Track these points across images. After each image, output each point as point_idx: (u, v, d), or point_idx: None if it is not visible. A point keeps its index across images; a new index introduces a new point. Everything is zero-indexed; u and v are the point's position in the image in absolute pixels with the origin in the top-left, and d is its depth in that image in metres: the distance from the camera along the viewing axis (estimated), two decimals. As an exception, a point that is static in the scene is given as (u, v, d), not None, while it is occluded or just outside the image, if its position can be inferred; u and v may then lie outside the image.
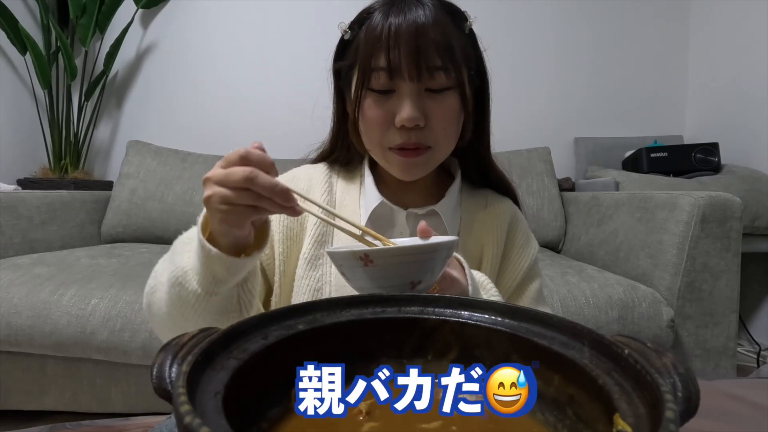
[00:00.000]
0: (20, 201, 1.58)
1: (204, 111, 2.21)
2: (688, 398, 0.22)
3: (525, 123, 2.16)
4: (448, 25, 0.57)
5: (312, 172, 0.71)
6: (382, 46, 0.55)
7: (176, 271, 0.50)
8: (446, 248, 0.41)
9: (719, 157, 1.83)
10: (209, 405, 0.19)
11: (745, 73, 1.92)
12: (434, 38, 0.55)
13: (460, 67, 0.58)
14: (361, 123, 0.61)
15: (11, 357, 1.18)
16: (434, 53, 0.55)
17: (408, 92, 0.56)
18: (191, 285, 0.48)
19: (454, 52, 0.57)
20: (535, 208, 1.78)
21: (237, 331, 0.25)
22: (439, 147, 0.60)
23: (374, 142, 0.61)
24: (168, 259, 0.55)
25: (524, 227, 0.71)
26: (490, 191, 0.72)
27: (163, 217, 1.82)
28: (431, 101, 0.58)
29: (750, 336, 1.83)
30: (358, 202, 0.67)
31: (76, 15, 2.02)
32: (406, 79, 0.56)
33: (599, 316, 1.15)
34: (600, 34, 2.21)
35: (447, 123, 0.59)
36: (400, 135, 0.58)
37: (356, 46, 0.60)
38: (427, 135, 0.58)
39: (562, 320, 0.27)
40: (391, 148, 0.59)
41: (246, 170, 0.41)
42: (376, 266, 0.38)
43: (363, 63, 0.57)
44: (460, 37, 0.59)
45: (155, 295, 0.54)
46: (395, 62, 0.55)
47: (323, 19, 2.27)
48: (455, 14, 0.60)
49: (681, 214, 1.20)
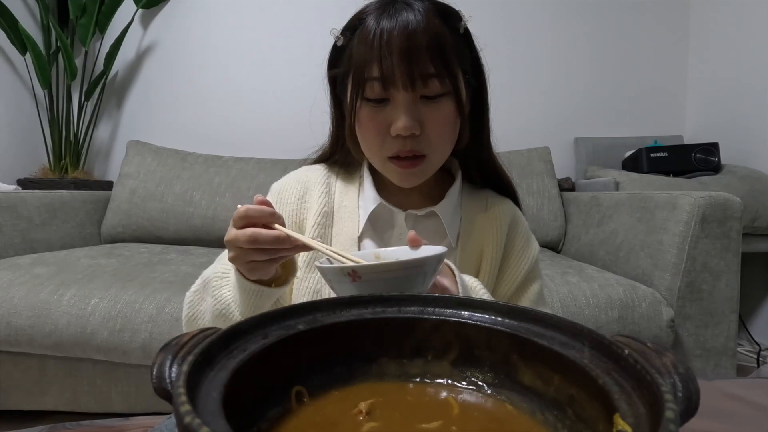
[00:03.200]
0: (20, 201, 1.58)
1: (204, 111, 2.21)
2: (688, 398, 0.22)
3: (525, 123, 2.17)
4: (441, 29, 0.56)
5: (310, 174, 0.70)
6: (375, 56, 0.55)
7: (219, 305, 0.57)
8: (434, 261, 0.41)
9: (719, 157, 1.83)
10: (209, 405, 0.19)
11: (745, 73, 1.92)
12: (427, 44, 0.54)
13: (455, 71, 0.57)
14: (359, 133, 0.61)
15: (11, 357, 1.18)
16: (427, 60, 0.55)
17: (402, 102, 0.56)
18: (234, 315, 0.55)
19: (447, 57, 0.56)
20: (535, 208, 1.78)
21: (237, 331, 0.25)
22: (434, 154, 0.60)
23: (372, 151, 0.61)
24: (203, 291, 0.61)
25: (525, 229, 0.71)
26: (490, 192, 0.71)
27: (163, 217, 1.82)
28: (426, 109, 0.57)
29: (750, 336, 1.83)
30: (357, 203, 0.67)
31: (76, 15, 2.02)
32: (400, 89, 0.56)
33: (599, 316, 1.15)
34: (600, 34, 2.21)
35: (443, 130, 0.59)
36: (396, 143, 0.58)
37: (349, 54, 0.59)
38: (423, 142, 0.58)
39: (562, 320, 0.27)
40: (390, 158, 0.60)
41: (247, 233, 0.45)
42: (363, 282, 0.39)
43: (356, 73, 0.57)
44: (453, 39, 0.58)
45: (197, 323, 0.61)
46: (388, 72, 0.55)
47: (323, 20, 2.27)
48: (448, 15, 0.59)
49: (681, 214, 1.20)
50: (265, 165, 1.91)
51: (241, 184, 1.86)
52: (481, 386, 0.29)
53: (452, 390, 0.29)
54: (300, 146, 0.75)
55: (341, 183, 0.70)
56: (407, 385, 0.30)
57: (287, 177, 0.71)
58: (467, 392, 0.29)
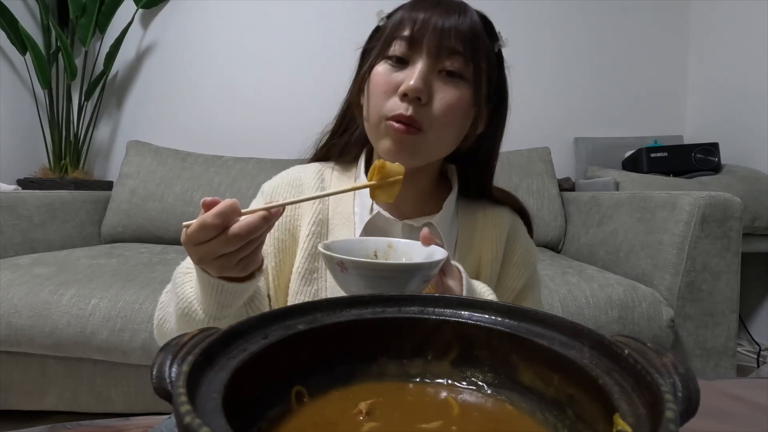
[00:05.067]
0: (20, 201, 1.58)
1: (204, 111, 2.21)
2: (688, 398, 0.22)
3: (525, 123, 2.15)
4: (481, 29, 0.58)
5: (302, 176, 0.68)
6: (410, 20, 0.56)
7: (181, 302, 0.51)
8: (426, 268, 0.42)
9: (719, 157, 1.83)
10: (209, 405, 0.19)
11: (745, 73, 1.92)
12: (463, 29, 0.56)
13: (480, 65, 0.58)
14: (368, 91, 0.60)
15: (11, 357, 1.18)
16: (458, 38, 0.56)
17: (420, 65, 0.56)
18: (198, 314, 0.50)
19: (478, 47, 0.57)
20: (535, 208, 1.78)
21: (237, 331, 0.25)
22: (433, 134, 0.57)
23: (374, 108, 0.59)
24: (171, 290, 0.56)
25: (523, 236, 0.70)
26: (487, 200, 0.70)
27: (163, 217, 1.82)
28: (441, 83, 0.57)
29: (750, 336, 1.83)
30: (352, 210, 0.65)
31: (76, 15, 2.02)
32: (423, 53, 0.56)
33: (599, 316, 1.15)
34: (600, 34, 2.21)
35: (449, 110, 0.57)
36: (400, 106, 0.56)
37: (386, 27, 0.60)
38: (425, 113, 0.56)
39: (562, 320, 0.27)
40: (387, 119, 0.57)
41: (240, 231, 0.42)
42: (350, 275, 0.40)
43: (387, 34, 0.58)
44: (488, 47, 0.60)
45: (165, 326, 0.56)
46: (418, 34, 0.56)
47: (323, 20, 2.28)
48: (491, 29, 0.62)
49: (681, 214, 1.20)
50: (265, 165, 1.91)
51: (241, 184, 1.86)
52: (481, 386, 0.29)
53: (452, 390, 0.29)
54: (300, 146, 0.74)
55: (336, 186, 0.67)
56: (407, 385, 0.30)
57: (278, 179, 0.68)
58: (467, 392, 0.29)
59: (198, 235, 0.42)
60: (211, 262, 0.44)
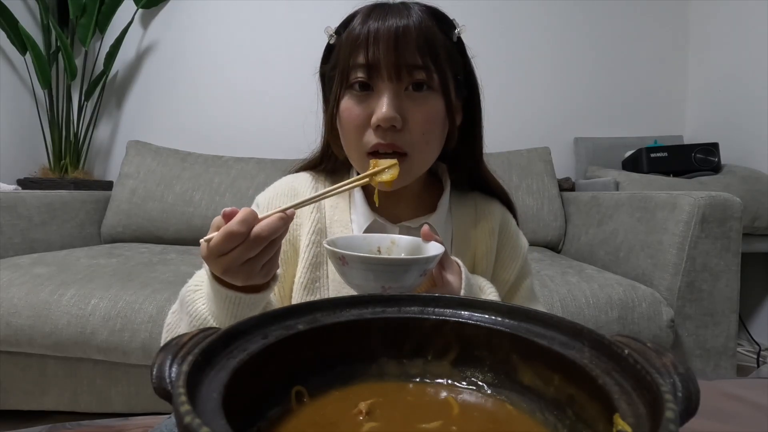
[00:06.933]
0: (20, 201, 1.58)
1: (204, 111, 2.21)
2: (688, 398, 0.22)
3: (525, 123, 2.16)
4: (432, 28, 0.55)
5: (296, 185, 0.67)
6: (362, 44, 0.54)
7: (195, 320, 0.51)
8: (422, 262, 0.45)
9: (719, 157, 1.83)
10: (209, 405, 0.19)
11: (744, 73, 1.91)
12: (416, 37, 0.53)
13: (444, 69, 0.56)
14: (339, 126, 0.59)
15: (11, 357, 1.18)
16: (414, 52, 0.53)
17: (386, 91, 0.54)
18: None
19: (437, 53, 0.55)
20: (535, 208, 1.78)
21: (237, 331, 0.25)
22: (417, 153, 0.57)
23: (352, 145, 0.58)
24: (179, 311, 0.56)
25: (513, 228, 0.71)
26: (477, 194, 0.70)
27: (163, 217, 1.82)
28: (411, 103, 0.55)
29: (750, 336, 1.82)
30: (349, 217, 0.65)
31: (76, 15, 2.02)
32: (384, 78, 0.54)
33: (599, 316, 1.15)
34: (600, 34, 2.21)
35: (427, 127, 0.56)
36: (376, 136, 0.55)
37: (338, 48, 0.58)
38: (404, 138, 0.55)
39: (562, 320, 0.27)
40: (369, 154, 0.56)
41: (262, 233, 0.42)
42: (350, 267, 0.44)
43: (342, 62, 0.56)
44: (445, 41, 0.57)
45: None
46: (374, 59, 0.53)
47: (323, 19, 2.27)
48: (442, 20, 0.58)
49: (681, 214, 1.20)
50: (265, 165, 1.91)
51: (241, 184, 1.86)
52: (481, 386, 0.29)
53: (452, 390, 0.29)
54: (299, 146, 0.74)
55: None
56: (407, 385, 0.30)
57: (272, 190, 0.68)
58: (467, 392, 0.29)
59: (224, 245, 0.42)
60: (237, 270, 0.44)
